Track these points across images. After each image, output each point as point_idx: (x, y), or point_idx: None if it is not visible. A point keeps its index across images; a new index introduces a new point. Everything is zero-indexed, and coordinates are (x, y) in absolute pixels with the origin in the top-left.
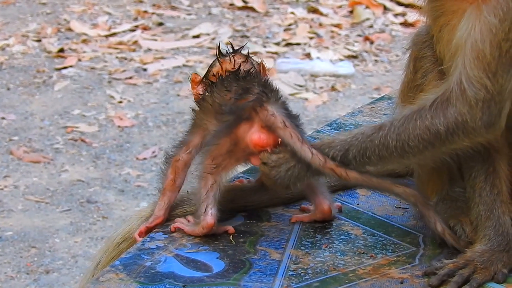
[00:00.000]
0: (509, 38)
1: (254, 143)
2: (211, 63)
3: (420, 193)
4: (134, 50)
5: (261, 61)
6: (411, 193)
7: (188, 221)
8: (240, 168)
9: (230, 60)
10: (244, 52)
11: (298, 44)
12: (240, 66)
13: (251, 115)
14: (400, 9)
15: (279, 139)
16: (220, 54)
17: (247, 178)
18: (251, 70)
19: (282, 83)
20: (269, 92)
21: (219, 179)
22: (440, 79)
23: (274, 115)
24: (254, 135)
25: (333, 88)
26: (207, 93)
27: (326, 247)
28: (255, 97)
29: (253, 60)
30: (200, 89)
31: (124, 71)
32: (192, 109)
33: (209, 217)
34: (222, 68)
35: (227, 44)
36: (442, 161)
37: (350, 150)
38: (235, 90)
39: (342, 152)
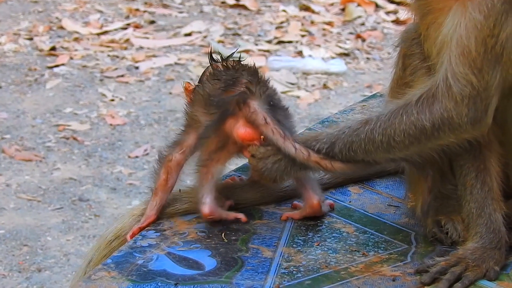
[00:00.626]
0: (494, 34)
1: (241, 137)
2: (204, 71)
3: None
4: (126, 48)
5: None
6: None
7: None
8: (232, 166)
9: (221, 66)
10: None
11: (290, 42)
12: (231, 55)
13: (235, 110)
14: (392, 7)
15: (261, 136)
16: (212, 60)
17: (239, 176)
18: (241, 59)
19: (274, 81)
20: (256, 85)
21: (214, 170)
22: (428, 76)
23: (256, 112)
24: (240, 129)
25: (325, 86)
26: (198, 84)
27: (318, 245)
28: (239, 91)
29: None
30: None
31: (116, 69)
32: (185, 109)
33: (205, 206)
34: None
35: (219, 42)
36: (430, 158)
37: (336, 144)
38: (224, 79)
39: (328, 145)
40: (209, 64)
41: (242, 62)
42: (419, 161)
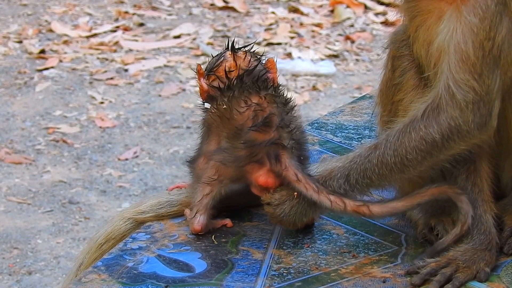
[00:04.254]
0: (491, 37)
1: (260, 183)
2: (219, 56)
3: (446, 184)
4: (115, 51)
5: (272, 59)
6: (440, 191)
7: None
8: None
9: (242, 56)
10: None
11: (279, 43)
12: (259, 75)
13: (264, 159)
14: (381, 8)
15: (295, 193)
16: (231, 48)
17: None
18: (269, 81)
19: None
20: (288, 134)
21: (216, 190)
22: (417, 78)
23: (287, 169)
24: (262, 177)
25: (314, 88)
26: (224, 106)
27: (308, 246)
28: (271, 140)
29: (263, 61)
30: (205, 83)
31: (105, 71)
32: (206, 111)
33: (196, 224)
34: (235, 64)
35: (208, 44)
36: (441, 169)
37: (351, 175)
38: (254, 109)
39: (343, 179)
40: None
41: (274, 87)
42: (431, 174)
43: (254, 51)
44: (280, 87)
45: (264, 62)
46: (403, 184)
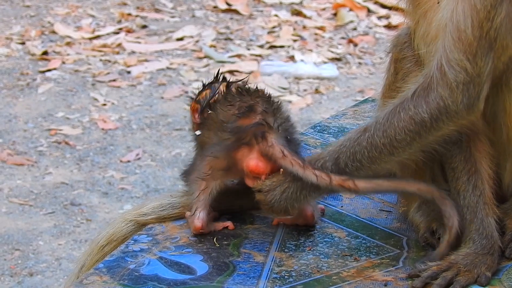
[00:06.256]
0: (490, 18)
1: (250, 169)
2: (212, 92)
3: (435, 187)
4: (118, 53)
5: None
6: (426, 190)
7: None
8: None
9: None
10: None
11: (282, 46)
12: (245, 81)
13: (251, 141)
14: (384, 11)
15: (281, 169)
16: (222, 81)
17: (231, 181)
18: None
19: (266, 86)
20: (273, 116)
21: (212, 185)
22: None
23: (273, 146)
24: (252, 161)
25: (316, 91)
26: (210, 112)
27: (310, 249)
28: (256, 122)
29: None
30: (198, 118)
31: (108, 73)
32: (194, 133)
33: (197, 220)
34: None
35: (211, 46)
36: (431, 155)
37: (340, 158)
38: (238, 105)
39: (332, 162)
40: (212, 85)
41: (255, 88)
42: (423, 159)
43: (246, 84)
44: (269, 95)
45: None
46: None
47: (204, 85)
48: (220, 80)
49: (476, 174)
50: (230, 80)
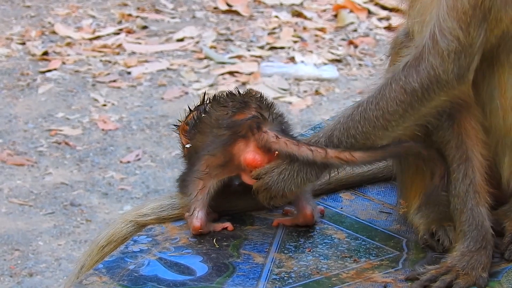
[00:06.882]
0: None
1: (248, 162)
2: (199, 112)
3: (414, 142)
4: (118, 53)
5: None
6: (416, 146)
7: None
8: None
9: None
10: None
11: (282, 48)
12: (236, 90)
13: (248, 134)
14: (384, 13)
15: (276, 152)
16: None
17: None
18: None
19: (266, 87)
20: (267, 110)
21: (210, 184)
22: None
23: (267, 132)
24: (249, 154)
25: (317, 92)
26: (203, 115)
27: (310, 251)
28: (251, 115)
29: None
30: (186, 138)
31: (108, 74)
32: (184, 148)
33: (195, 220)
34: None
35: (211, 47)
36: (426, 128)
37: (334, 135)
38: (232, 105)
39: (325, 138)
40: (199, 107)
41: (246, 90)
42: (418, 134)
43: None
44: (263, 97)
45: None
46: (404, 181)
47: (190, 110)
48: (206, 103)
49: (467, 162)
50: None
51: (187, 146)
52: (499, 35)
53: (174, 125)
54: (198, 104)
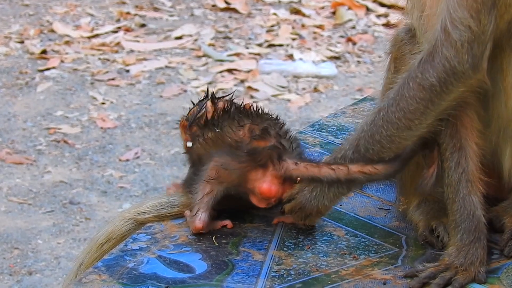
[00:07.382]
0: None
1: (262, 191)
2: (200, 107)
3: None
4: (116, 52)
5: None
6: (431, 142)
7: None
8: None
9: (221, 106)
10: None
11: (280, 45)
12: (250, 105)
13: (267, 163)
14: (382, 10)
15: (298, 179)
16: (211, 98)
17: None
18: (252, 108)
19: (264, 84)
20: (287, 140)
21: (217, 189)
22: None
23: (286, 161)
24: (265, 184)
25: (315, 89)
26: (217, 130)
27: (309, 248)
28: (273, 144)
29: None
30: (188, 134)
31: (106, 72)
32: (187, 147)
33: (198, 221)
34: (215, 109)
35: (210, 45)
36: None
37: (360, 145)
38: (249, 127)
39: (352, 150)
40: (200, 102)
41: (264, 110)
42: (442, 127)
43: (233, 99)
44: (277, 117)
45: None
46: (403, 178)
47: (193, 104)
48: (209, 97)
49: (461, 151)
50: (217, 96)
51: (189, 144)
52: (509, 20)
53: (179, 120)
54: (200, 99)
